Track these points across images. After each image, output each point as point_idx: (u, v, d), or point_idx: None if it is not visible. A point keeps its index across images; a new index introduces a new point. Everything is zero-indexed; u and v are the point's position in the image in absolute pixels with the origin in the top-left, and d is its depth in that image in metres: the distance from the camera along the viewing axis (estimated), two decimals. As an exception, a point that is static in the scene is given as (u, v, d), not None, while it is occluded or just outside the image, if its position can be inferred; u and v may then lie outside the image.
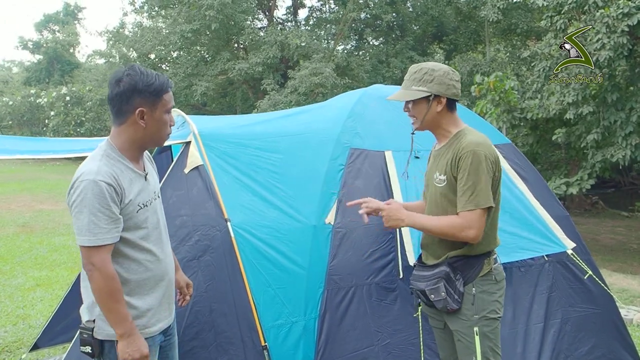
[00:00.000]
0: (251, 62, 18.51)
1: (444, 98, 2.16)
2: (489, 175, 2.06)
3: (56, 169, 23.06)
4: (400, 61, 19.27)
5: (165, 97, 1.90)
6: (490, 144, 2.14)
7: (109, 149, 1.89)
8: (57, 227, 9.51)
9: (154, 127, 1.90)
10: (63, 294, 5.32)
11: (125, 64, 17.65)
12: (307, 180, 2.85)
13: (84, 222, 1.77)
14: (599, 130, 9.11)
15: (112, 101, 1.88)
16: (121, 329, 1.82)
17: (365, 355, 2.64)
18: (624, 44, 8.05)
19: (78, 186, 1.79)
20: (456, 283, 2.13)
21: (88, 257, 1.79)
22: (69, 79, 31.27)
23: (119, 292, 1.82)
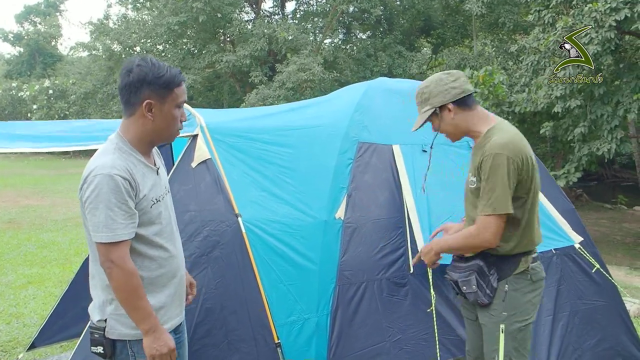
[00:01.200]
0: (239, 54, 18.35)
1: (449, 104, 2.13)
2: (511, 179, 1.98)
3: (40, 163, 22.69)
4: (388, 55, 19.28)
5: (176, 90, 1.83)
6: (517, 143, 2.03)
7: (120, 142, 1.83)
8: (44, 223, 9.35)
9: (162, 121, 1.83)
10: (57, 292, 5.26)
11: (118, 57, 17.22)
12: (317, 175, 2.81)
13: (100, 218, 1.71)
14: (585, 123, 9.20)
15: (121, 91, 1.82)
16: (146, 324, 1.77)
17: (377, 352, 2.62)
18: (611, 39, 8.12)
19: (92, 181, 1.73)
20: (490, 278, 2.10)
21: (106, 254, 1.73)
22: (51, 71, 30.75)
23: (141, 287, 1.77)
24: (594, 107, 9.05)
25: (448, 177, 3.01)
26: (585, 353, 2.97)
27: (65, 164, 22.60)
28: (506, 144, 2.01)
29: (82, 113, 25.30)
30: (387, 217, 2.82)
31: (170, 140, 1.97)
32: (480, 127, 2.14)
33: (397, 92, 3.36)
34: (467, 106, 2.15)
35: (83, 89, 24.12)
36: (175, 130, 1.91)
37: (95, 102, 24.17)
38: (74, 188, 13.94)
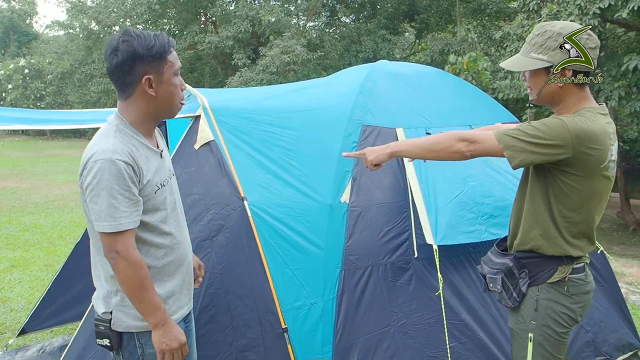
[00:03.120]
0: (221, 35, 18.02)
1: (569, 70, 1.79)
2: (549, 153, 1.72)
3: (15, 145, 22.15)
4: (372, 40, 19.16)
5: (169, 57, 1.70)
6: (594, 124, 1.75)
7: (121, 124, 1.70)
8: (24, 205, 9.14)
9: (165, 93, 1.71)
10: (43, 275, 5.15)
11: (96, 36, 16.77)
12: (321, 158, 2.77)
13: (103, 207, 1.60)
14: (566, 110, 9.31)
15: (113, 74, 1.68)
16: (155, 318, 1.69)
17: (382, 336, 2.60)
18: (595, 26, 8.19)
19: (92, 167, 1.60)
20: (519, 281, 1.91)
21: (111, 244, 1.63)
22: (26, 50, 29.89)
23: (148, 279, 1.68)
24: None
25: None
26: (597, 336, 3.00)
27: (42, 145, 22.10)
28: (572, 120, 1.75)
29: (59, 93, 24.74)
30: (391, 201, 2.80)
31: (173, 114, 1.83)
32: (573, 106, 1.84)
33: (400, 75, 3.32)
34: (583, 84, 1.84)
35: (60, 68, 23.51)
36: (179, 102, 1.80)
37: (72, 83, 23.59)
38: (53, 170, 13.66)
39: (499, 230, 2.79)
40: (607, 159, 1.80)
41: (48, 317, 3.73)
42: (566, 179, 1.79)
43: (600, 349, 2.96)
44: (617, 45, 10.34)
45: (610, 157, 1.81)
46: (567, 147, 1.72)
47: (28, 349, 3.55)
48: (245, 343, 2.39)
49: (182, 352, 1.76)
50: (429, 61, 17.30)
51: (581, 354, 2.91)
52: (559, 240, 1.85)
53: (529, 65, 1.85)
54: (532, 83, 1.89)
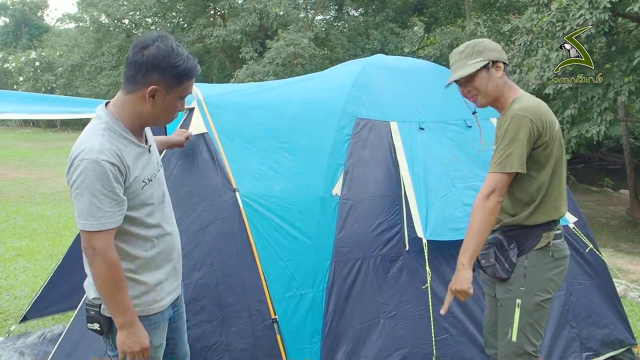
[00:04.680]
0: (229, 29, 18.07)
1: (500, 62, 2.13)
2: (528, 139, 2.01)
3: (26, 136, 22.37)
4: (380, 33, 19.08)
5: (186, 83, 1.73)
6: (540, 109, 2.07)
7: (111, 121, 1.71)
8: (32, 196, 9.26)
9: (161, 110, 1.73)
10: (47, 264, 5.23)
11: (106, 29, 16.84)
12: (314, 151, 2.79)
13: (84, 205, 1.62)
14: (575, 105, 9.22)
15: (129, 66, 1.69)
16: (121, 319, 1.71)
17: (372, 327, 2.64)
18: (605, 21, 8.11)
19: (78, 165, 1.62)
20: (509, 252, 2.11)
21: (88, 241, 1.65)
22: (37, 43, 30.13)
23: (122, 279, 1.70)
24: (584, 89, 9.05)
25: (445, 154, 3.01)
26: (582, 331, 3.02)
27: (52, 136, 22.31)
28: (527, 107, 2.05)
29: (70, 86, 24.91)
30: (383, 193, 2.82)
31: (160, 127, 1.89)
32: (509, 94, 2.16)
33: (395, 69, 3.33)
34: (504, 73, 2.18)
35: (70, 61, 23.68)
36: (170, 120, 1.82)
37: (82, 75, 23.77)
38: (61, 161, 13.79)
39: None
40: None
41: (49, 305, 3.81)
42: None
43: (586, 345, 2.97)
44: (628, 39, 10.23)
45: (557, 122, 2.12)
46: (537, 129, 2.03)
47: (29, 335, 3.63)
48: (235, 333, 2.42)
49: (144, 355, 1.77)
50: (437, 55, 17.21)
51: (568, 349, 2.93)
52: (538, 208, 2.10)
53: (472, 67, 2.12)
54: (478, 85, 2.15)
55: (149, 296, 1.83)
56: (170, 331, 2.02)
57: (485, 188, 2.06)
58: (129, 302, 1.72)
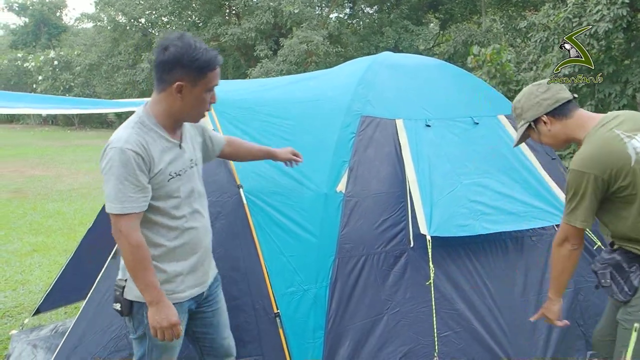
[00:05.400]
0: (244, 27, 18.17)
1: (542, 116, 2.13)
2: (594, 194, 1.97)
3: (45, 134, 22.74)
4: (395, 30, 19.01)
5: (209, 75, 1.84)
6: (603, 155, 1.94)
7: (144, 116, 1.87)
8: (49, 193, 9.42)
9: (190, 103, 1.86)
10: (62, 260, 5.33)
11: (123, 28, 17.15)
12: (318, 148, 2.81)
13: (111, 190, 1.77)
14: (592, 102, 9.09)
15: (156, 67, 1.85)
16: (149, 296, 1.84)
17: (375, 323, 2.65)
18: (623, 16, 7.97)
19: (107, 153, 1.79)
20: (630, 275, 2.01)
21: (116, 224, 1.80)
22: (56, 42, 30.58)
23: (147, 260, 1.82)
24: (601, 85, 8.93)
25: (451, 151, 3.01)
26: (589, 330, 2.98)
27: (70, 135, 22.64)
28: (589, 157, 1.97)
29: (87, 85, 25.24)
30: (388, 191, 2.83)
31: (195, 121, 2.01)
32: (577, 134, 2.10)
33: (401, 66, 3.33)
34: (564, 115, 2.11)
35: (88, 60, 23.98)
36: (203, 113, 1.94)
37: (100, 74, 24.05)
38: (79, 159, 14.01)
39: (493, 225, 2.82)
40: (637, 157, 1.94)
41: (61, 298, 3.90)
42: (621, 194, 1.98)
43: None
44: (647, 35, 10.06)
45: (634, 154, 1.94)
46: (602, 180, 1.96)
47: (42, 328, 3.71)
48: (238, 325, 2.45)
49: (174, 332, 1.89)
50: (452, 52, 17.11)
51: (573, 348, 2.90)
52: None
53: (520, 132, 2.23)
54: (536, 139, 2.24)
55: (168, 285, 1.93)
56: (205, 326, 2.15)
57: (559, 235, 2.15)
58: (155, 281, 1.85)
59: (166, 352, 1.99)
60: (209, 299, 2.13)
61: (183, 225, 1.94)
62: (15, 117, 27.80)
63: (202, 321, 2.13)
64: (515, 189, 3.02)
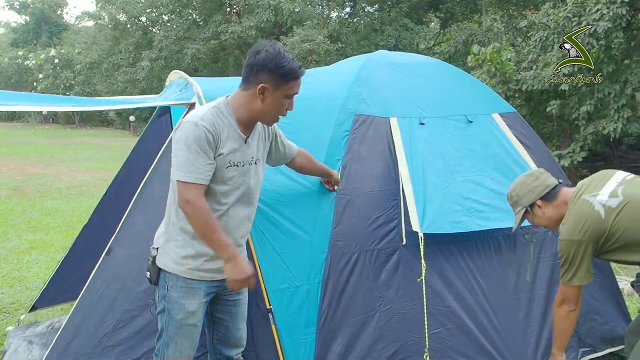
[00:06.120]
0: (244, 25, 18.19)
1: (538, 201, 2.40)
2: (587, 256, 2.21)
3: (46, 133, 22.79)
4: (395, 29, 19.00)
5: (292, 83, 2.00)
6: (576, 225, 2.21)
7: (222, 104, 2.04)
8: (49, 191, 9.45)
9: (269, 105, 2.01)
10: (60, 257, 5.34)
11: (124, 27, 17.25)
12: (313, 146, 2.80)
13: (182, 160, 1.92)
14: (592, 102, 9.09)
15: (246, 68, 2.01)
16: (225, 254, 1.99)
17: (367, 320, 2.66)
18: (623, 15, 7.98)
19: (183, 126, 1.95)
20: None
21: (184, 194, 1.93)
22: (57, 41, 30.61)
23: (215, 223, 1.98)
24: (601, 85, 8.92)
25: (446, 149, 3.02)
26: (581, 328, 3.00)
27: (71, 133, 22.70)
28: (569, 229, 2.24)
29: (88, 83, 25.28)
30: (382, 189, 2.84)
31: (269, 125, 2.19)
32: (565, 210, 2.35)
33: (397, 65, 3.34)
34: (553, 197, 2.40)
35: (89, 58, 24.03)
36: (277, 118, 2.10)
37: (100, 73, 24.10)
38: (79, 157, 14.06)
39: (487, 223, 2.83)
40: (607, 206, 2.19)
41: (58, 295, 3.91)
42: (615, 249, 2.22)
43: (585, 341, 2.95)
44: (647, 35, 10.05)
45: (608, 200, 2.20)
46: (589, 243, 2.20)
47: (38, 325, 3.73)
48: (232, 323, 2.47)
49: (250, 283, 2.05)
50: (453, 52, 17.09)
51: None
52: None
53: (518, 218, 2.49)
54: (533, 222, 2.49)
55: (195, 262, 2.06)
56: (224, 313, 2.25)
57: (558, 297, 2.39)
58: (226, 240, 2.00)
59: (181, 329, 2.08)
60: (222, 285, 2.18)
61: (222, 211, 2.06)
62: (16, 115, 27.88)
63: (222, 307, 2.23)
64: (508, 186, 3.02)
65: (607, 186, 2.25)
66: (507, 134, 3.25)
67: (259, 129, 2.16)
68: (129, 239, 2.65)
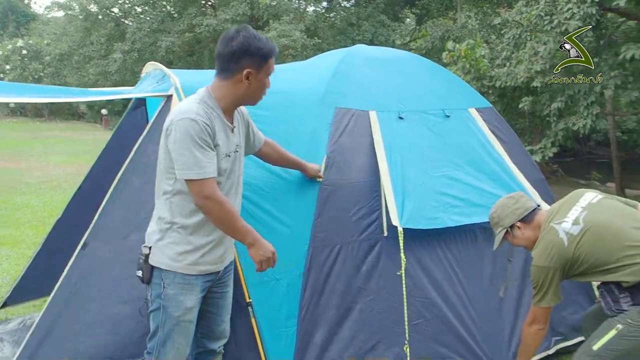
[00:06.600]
0: (220, 18, 17.98)
1: (517, 222, 2.52)
2: (556, 281, 2.35)
3: (14, 126, 22.16)
4: (372, 25, 19.06)
5: (270, 61, 2.03)
6: (544, 252, 2.34)
7: (206, 97, 2.01)
8: (18, 185, 9.20)
9: (255, 87, 2.04)
10: (30, 253, 5.21)
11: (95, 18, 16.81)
12: (293, 139, 2.79)
13: (189, 158, 1.89)
14: (562, 99, 9.28)
15: (221, 57, 1.99)
16: (248, 239, 2.04)
17: (348, 312, 2.67)
18: (592, 15, 8.15)
19: (178, 125, 1.91)
20: (620, 300, 2.27)
21: (200, 191, 1.92)
22: (25, 31, 29.74)
23: (235, 211, 2.02)
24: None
25: (424, 143, 3.05)
26: (553, 318, 3.07)
27: (40, 126, 22.12)
28: (540, 255, 2.37)
29: (57, 75, 24.64)
30: (363, 180, 2.84)
31: (253, 105, 2.17)
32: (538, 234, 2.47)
33: (375, 59, 3.35)
34: (531, 219, 2.52)
35: (58, 50, 23.43)
36: (262, 96, 2.13)
37: (71, 64, 23.52)
38: (49, 151, 13.71)
39: (461, 218, 2.87)
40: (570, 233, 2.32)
41: (29, 291, 3.81)
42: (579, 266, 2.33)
43: (556, 329, 3.03)
44: (616, 34, 10.30)
45: (571, 227, 2.33)
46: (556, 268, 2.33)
47: (9, 322, 3.64)
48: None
49: (274, 260, 2.12)
50: (429, 47, 17.23)
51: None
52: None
53: (498, 238, 2.61)
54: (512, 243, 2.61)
55: (191, 256, 2.04)
56: (211, 305, 2.24)
57: (529, 317, 2.53)
58: (247, 225, 2.04)
59: (179, 325, 2.06)
60: (222, 281, 2.24)
61: None
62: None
63: (210, 300, 2.22)
64: (484, 181, 3.07)
65: (572, 210, 2.38)
66: (483, 129, 3.30)
67: (237, 116, 2.16)
68: (105, 233, 2.60)
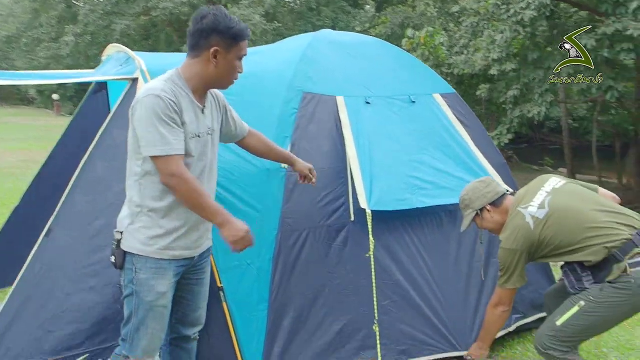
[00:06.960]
0: (176, 1, 17.55)
1: (487, 205, 2.61)
2: (522, 263, 2.46)
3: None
4: (332, 11, 19.05)
5: (241, 44, 2.00)
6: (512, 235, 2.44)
7: (175, 76, 1.99)
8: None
9: (224, 68, 2.00)
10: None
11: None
12: (261, 124, 2.76)
13: (154, 135, 1.86)
14: (518, 87, 9.57)
15: (192, 35, 1.98)
16: (218, 218, 1.96)
17: (317, 295, 2.71)
18: (547, 5, 8.41)
19: (142, 101, 1.89)
20: (583, 278, 2.35)
21: (166, 168, 1.89)
22: (-32, 12, 28.17)
23: (202, 189, 1.96)
24: (527, 71, 9.39)
25: (391, 128, 3.09)
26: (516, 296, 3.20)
27: (-10, 112, 21.12)
28: (508, 239, 2.46)
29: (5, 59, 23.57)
30: (330, 166, 2.87)
31: (224, 88, 2.13)
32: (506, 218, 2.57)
33: (342, 44, 3.37)
34: (500, 204, 2.62)
35: (5, 32, 22.37)
36: (233, 80, 2.08)
37: (19, 47, 22.52)
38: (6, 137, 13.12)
39: (429, 200, 2.94)
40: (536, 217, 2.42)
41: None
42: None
43: (517, 308, 3.15)
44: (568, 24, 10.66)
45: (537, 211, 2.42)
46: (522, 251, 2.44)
47: (-34, 314, 3.49)
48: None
49: (249, 239, 2.01)
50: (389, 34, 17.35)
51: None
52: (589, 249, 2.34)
53: (468, 219, 2.68)
54: (481, 226, 2.70)
55: (163, 240, 2.00)
56: (186, 291, 2.20)
57: (494, 299, 2.66)
58: (217, 205, 1.98)
59: (152, 311, 2.02)
60: (197, 267, 2.19)
61: None
62: None
63: (186, 286, 2.18)
64: (449, 164, 3.15)
65: (538, 195, 2.47)
66: (448, 114, 3.37)
67: (210, 99, 2.13)
68: (70, 219, 2.55)
